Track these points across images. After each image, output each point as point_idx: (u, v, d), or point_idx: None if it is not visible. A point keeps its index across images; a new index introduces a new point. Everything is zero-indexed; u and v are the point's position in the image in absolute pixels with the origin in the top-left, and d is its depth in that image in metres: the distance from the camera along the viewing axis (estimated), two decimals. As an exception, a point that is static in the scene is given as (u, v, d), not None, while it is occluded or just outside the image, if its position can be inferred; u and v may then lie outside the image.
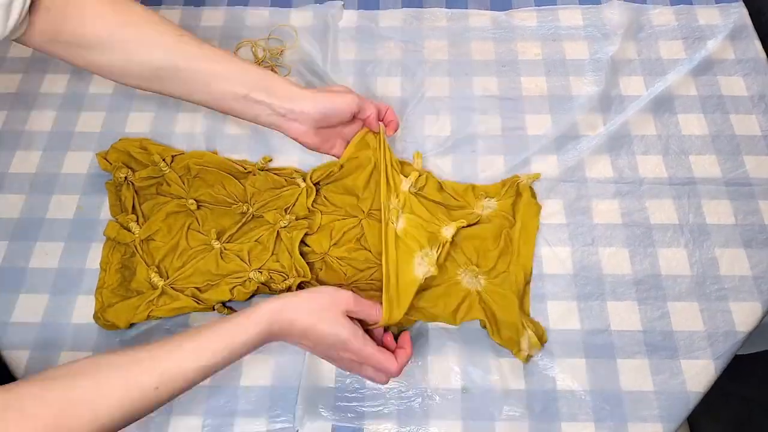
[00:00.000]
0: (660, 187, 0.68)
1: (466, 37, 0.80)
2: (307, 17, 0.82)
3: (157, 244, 0.63)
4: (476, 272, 0.62)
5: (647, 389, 0.57)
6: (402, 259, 0.59)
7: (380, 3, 0.84)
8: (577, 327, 0.60)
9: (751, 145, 0.71)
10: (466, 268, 0.62)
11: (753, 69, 0.76)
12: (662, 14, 0.81)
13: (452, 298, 0.60)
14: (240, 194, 0.66)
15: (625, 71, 0.77)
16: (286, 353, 0.59)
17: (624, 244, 0.65)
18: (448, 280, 0.61)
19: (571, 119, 0.73)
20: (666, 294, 0.62)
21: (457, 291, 0.61)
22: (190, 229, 0.64)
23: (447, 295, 0.61)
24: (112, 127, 0.74)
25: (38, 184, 0.70)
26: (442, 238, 0.62)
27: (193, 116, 0.74)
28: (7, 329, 0.61)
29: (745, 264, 0.63)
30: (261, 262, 0.62)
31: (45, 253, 0.65)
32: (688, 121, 0.72)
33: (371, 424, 0.56)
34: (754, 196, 0.67)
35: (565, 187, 0.68)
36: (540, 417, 0.56)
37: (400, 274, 0.58)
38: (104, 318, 0.59)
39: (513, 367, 0.59)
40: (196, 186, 0.67)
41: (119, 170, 0.67)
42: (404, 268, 0.59)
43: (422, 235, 0.61)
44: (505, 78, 0.77)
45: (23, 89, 0.77)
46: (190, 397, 0.57)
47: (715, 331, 0.60)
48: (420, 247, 0.60)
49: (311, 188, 0.66)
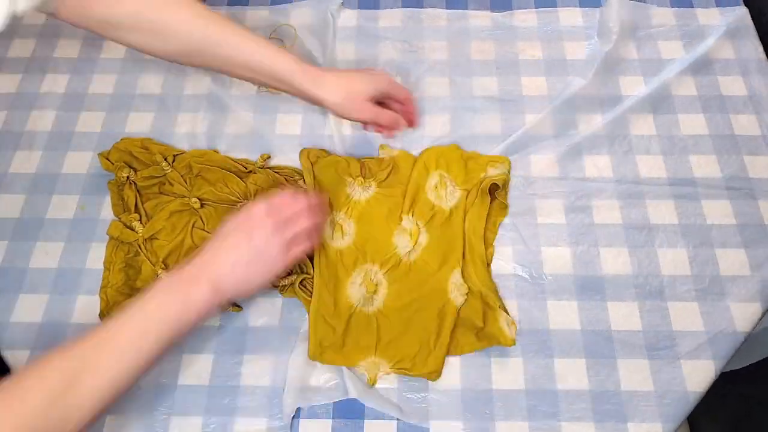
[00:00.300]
0: (660, 187, 0.68)
1: (465, 37, 0.80)
2: (307, 16, 0.82)
3: (160, 243, 0.63)
4: (464, 286, 0.61)
5: (647, 389, 0.57)
6: (338, 279, 0.61)
7: (380, 3, 0.84)
8: (577, 327, 0.60)
9: (751, 145, 0.71)
10: (455, 270, 0.61)
11: (753, 69, 0.76)
12: (662, 14, 0.81)
13: (447, 319, 0.59)
14: (242, 192, 0.66)
15: (624, 71, 0.76)
16: (286, 353, 0.60)
17: (624, 244, 0.65)
18: (441, 299, 0.60)
19: (571, 119, 0.73)
20: (666, 294, 0.62)
21: (447, 310, 0.60)
22: (194, 228, 0.64)
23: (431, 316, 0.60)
24: (112, 127, 0.74)
25: (38, 184, 0.70)
26: (392, 248, 0.63)
27: (193, 116, 0.74)
28: (7, 329, 0.61)
29: (745, 264, 0.63)
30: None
31: (45, 253, 0.65)
32: (688, 121, 0.72)
33: (371, 423, 0.57)
34: (754, 196, 0.67)
35: (565, 186, 0.68)
36: (540, 416, 0.56)
37: (337, 296, 0.60)
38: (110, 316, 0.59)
39: (513, 367, 0.59)
40: (199, 185, 0.67)
41: (122, 170, 0.67)
42: (337, 291, 0.61)
43: (371, 251, 0.62)
44: (505, 78, 0.77)
45: (23, 89, 0.77)
46: (191, 397, 0.58)
47: (715, 331, 0.60)
48: (363, 263, 0.62)
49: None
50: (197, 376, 0.59)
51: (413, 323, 0.59)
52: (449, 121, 0.73)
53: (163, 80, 0.77)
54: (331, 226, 0.64)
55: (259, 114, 0.74)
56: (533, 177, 0.69)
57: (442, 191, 0.65)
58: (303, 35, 0.80)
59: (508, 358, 0.59)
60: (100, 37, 0.59)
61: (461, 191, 0.66)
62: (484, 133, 0.72)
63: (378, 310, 0.60)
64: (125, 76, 0.78)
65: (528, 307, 0.62)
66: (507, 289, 0.63)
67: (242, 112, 0.74)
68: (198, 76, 0.77)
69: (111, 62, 0.79)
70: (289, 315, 0.62)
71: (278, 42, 0.80)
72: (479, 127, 0.73)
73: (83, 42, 0.81)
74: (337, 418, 0.57)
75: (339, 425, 0.57)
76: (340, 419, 0.57)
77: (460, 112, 0.74)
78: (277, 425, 0.56)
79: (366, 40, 0.80)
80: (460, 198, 0.65)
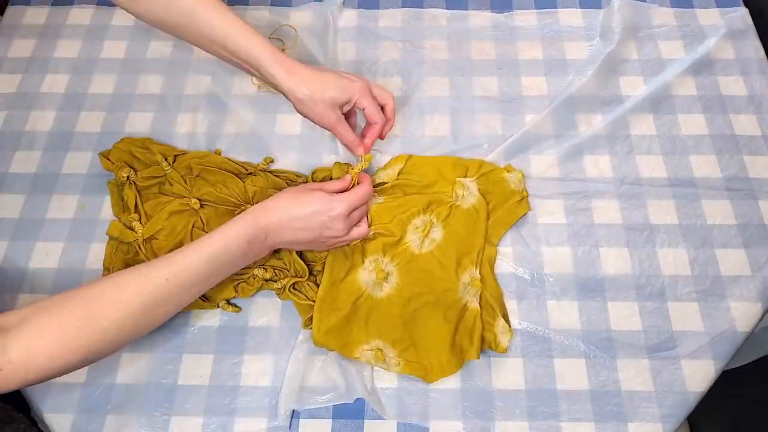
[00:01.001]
0: (660, 187, 0.68)
1: (466, 37, 0.80)
2: (307, 16, 0.82)
3: (160, 243, 0.63)
4: (479, 284, 0.61)
5: (647, 389, 0.57)
6: (348, 267, 0.61)
7: (380, 2, 0.84)
8: (578, 327, 0.60)
9: (751, 145, 0.71)
10: (467, 270, 0.61)
11: (753, 69, 0.76)
12: (663, 15, 0.81)
13: (452, 319, 0.59)
14: (242, 193, 0.66)
15: (625, 71, 0.77)
16: (286, 353, 0.60)
17: (624, 244, 0.65)
18: (450, 296, 0.60)
19: (571, 119, 0.73)
20: (666, 294, 0.62)
21: (457, 310, 0.59)
22: (194, 228, 0.64)
23: (448, 318, 0.59)
24: (112, 127, 0.74)
25: (38, 184, 0.70)
26: (403, 243, 0.62)
27: (193, 116, 0.74)
28: (7, 329, 0.61)
29: (745, 264, 0.63)
30: (265, 259, 0.62)
31: (45, 253, 0.65)
32: (688, 121, 0.72)
33: (371, 423, 0.57)
34: (754, 196, 0.67)
35: (565, 186, 0.68)
36: (540, 417, 0.56)
37: (347, 280, 0.61)
38: None
39: (513, 367, 0.59)
40: (198, 185, 0.67)
41: (122, 170, 0.67)
42: (348, 274, 0.61)
43: (382, 243, 0.62)
44: (505, 78, 0.77)
45: (23, 89, 0.77)
46: (191, 397, 0.58)
47: (715, 331, 0.60)
48: (374, 254, 0.62)
49: None
50: (197, 376, 0.59)
51: (422, 316, 0.59)
52: (449, 121, 0.73)
53: (163, 80, 0.77)
54: None
55: (259, 114, 0.74)
56: (533, 177, 0.69)
57: (460, 191, 0.65)
58: (303, 35, 0.80)
59: (508, 358, 0.59)
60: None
61: (480, 194, 0.66)
62: (484, 133, 0.72)
63: (387, 297, 0.60)
64: (125, 76, 0.78)
65: (528, 307, 0.62)
66: (507, 289, 0.63)
67: (242, 112, 0.74)
68: (198, 76, 0.77)
69: (111, 62, 0.79)
70: (289, 315, 0.62)
71: (278, 42, 0.80)
72: (479, 127, 0.73)
73: (83, 42, 0.81)
74: (337, 418, 0.57)
75: (339, 425, 0.57)
76: (340, 419, 0.57)
77: (460, 112, 0.74)
78: (277, 425, 0.56)
79: (366, 40, 0.80)
80: (479, 200, 0.65)
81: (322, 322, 0.58)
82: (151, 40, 0.81)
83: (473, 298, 0.60)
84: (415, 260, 0.62)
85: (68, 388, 0.58)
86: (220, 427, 0.56)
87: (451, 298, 0.60)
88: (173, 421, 0.57)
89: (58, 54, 0.80)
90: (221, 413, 0.57)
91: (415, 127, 0.73)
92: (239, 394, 0.58)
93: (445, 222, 0.64)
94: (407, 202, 0.65)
